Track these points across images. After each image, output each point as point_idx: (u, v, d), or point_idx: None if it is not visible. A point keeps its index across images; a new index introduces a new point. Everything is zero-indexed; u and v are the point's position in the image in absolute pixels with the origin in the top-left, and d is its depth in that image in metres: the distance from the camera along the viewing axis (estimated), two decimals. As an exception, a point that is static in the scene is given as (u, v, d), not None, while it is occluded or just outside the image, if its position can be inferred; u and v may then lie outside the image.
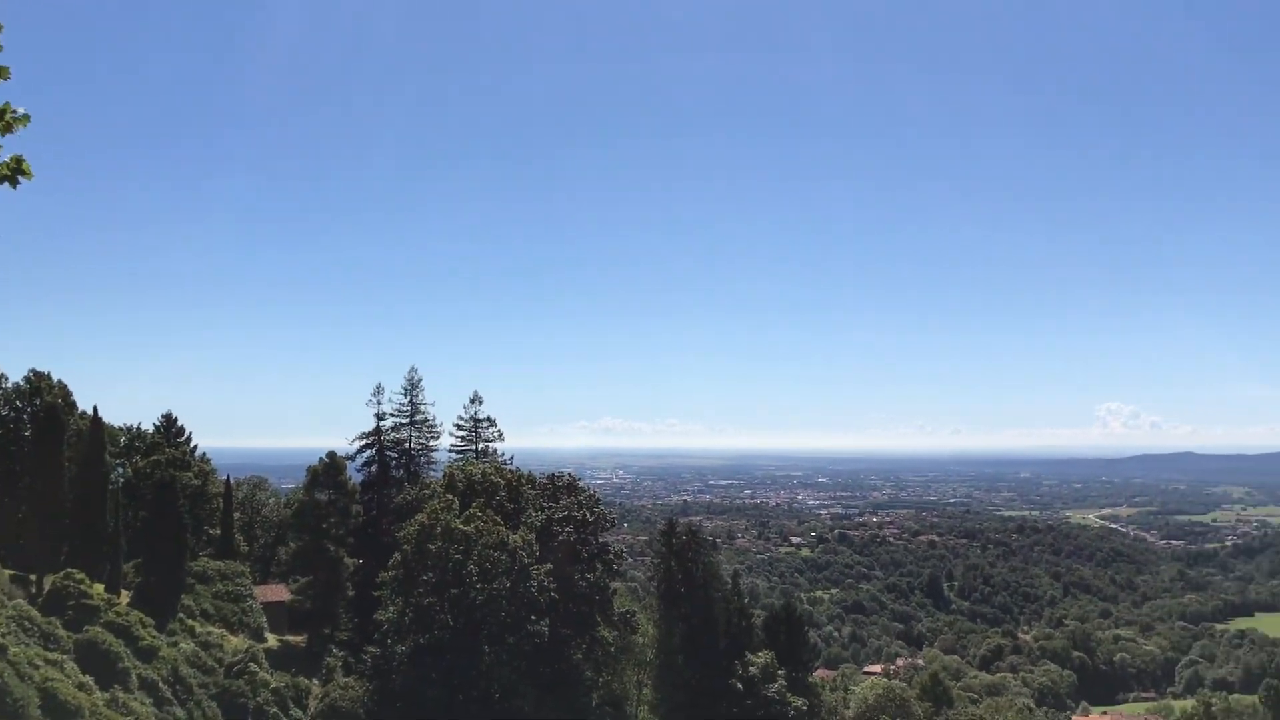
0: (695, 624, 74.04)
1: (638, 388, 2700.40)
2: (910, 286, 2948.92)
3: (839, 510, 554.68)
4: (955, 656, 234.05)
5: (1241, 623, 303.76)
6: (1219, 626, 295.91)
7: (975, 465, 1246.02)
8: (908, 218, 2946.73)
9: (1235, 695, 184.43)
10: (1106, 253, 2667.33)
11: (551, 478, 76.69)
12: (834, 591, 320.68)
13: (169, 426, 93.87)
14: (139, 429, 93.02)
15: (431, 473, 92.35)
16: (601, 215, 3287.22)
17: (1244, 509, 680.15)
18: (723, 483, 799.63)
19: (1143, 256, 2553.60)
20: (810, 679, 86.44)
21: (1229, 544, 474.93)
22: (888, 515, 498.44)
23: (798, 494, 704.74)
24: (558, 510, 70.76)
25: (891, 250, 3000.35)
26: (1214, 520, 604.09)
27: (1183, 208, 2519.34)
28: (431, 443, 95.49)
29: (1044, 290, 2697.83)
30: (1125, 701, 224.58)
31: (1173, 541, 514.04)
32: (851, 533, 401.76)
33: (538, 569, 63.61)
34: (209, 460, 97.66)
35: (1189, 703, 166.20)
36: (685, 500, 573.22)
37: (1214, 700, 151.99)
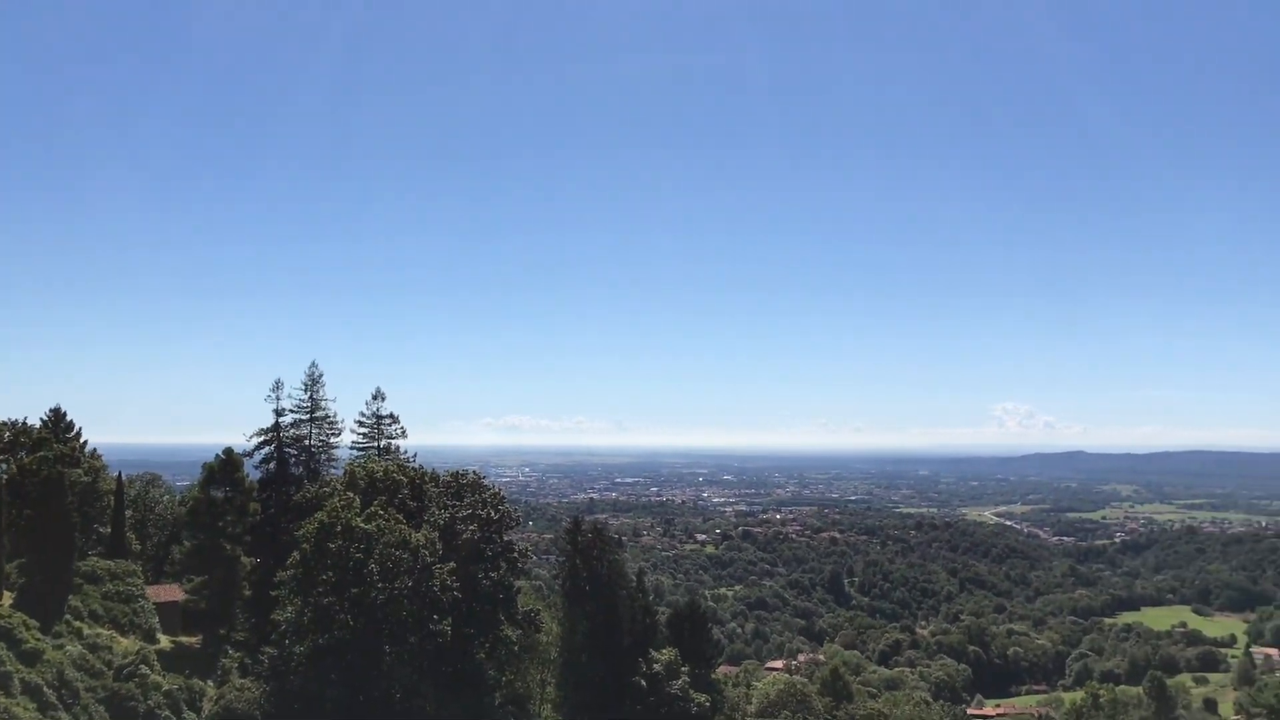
0: (600, 622, 73.94)
1: (545, 385, 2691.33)
2: (814, 289, 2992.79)
3: (744, 508, 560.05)
4: (855, 652, 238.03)
5: (1129, 617, 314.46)
6: (1107, 620, 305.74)
7: (877, 463, 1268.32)
8: (810, 221, 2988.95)
9: (1122, 686, 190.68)
10: (1002, 258, 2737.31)
11: (455, 475, 75.83)
12: (738, 588, 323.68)
13: (57, 421, 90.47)
14: (24, 424, 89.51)
15: (332, 470, 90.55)
16: (508, 215, 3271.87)
17: (1132, 506, 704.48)
18: (629, 481, 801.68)
19: (1037, 262, 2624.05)
20: (713, 675, 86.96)
21: (1117, 540, 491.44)
22: (791, 512, 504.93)
23: (703, 492, 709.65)
24: (462, 508, 69.97)
25: (795, 254, 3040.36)
26: (1104, 517, 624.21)
27: (1074, 215, 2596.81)
28: (332, 440, 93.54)
29: (943, 293, 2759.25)
30: (1018, 694, 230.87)
31: (1064, 538, 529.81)
32: (755, 530, 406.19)
33: (441, 568, 62.86)
34: (100, 456, 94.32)
35: (1078, 695, 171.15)
36: (592, 498, 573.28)
37: (1102, 692, 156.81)
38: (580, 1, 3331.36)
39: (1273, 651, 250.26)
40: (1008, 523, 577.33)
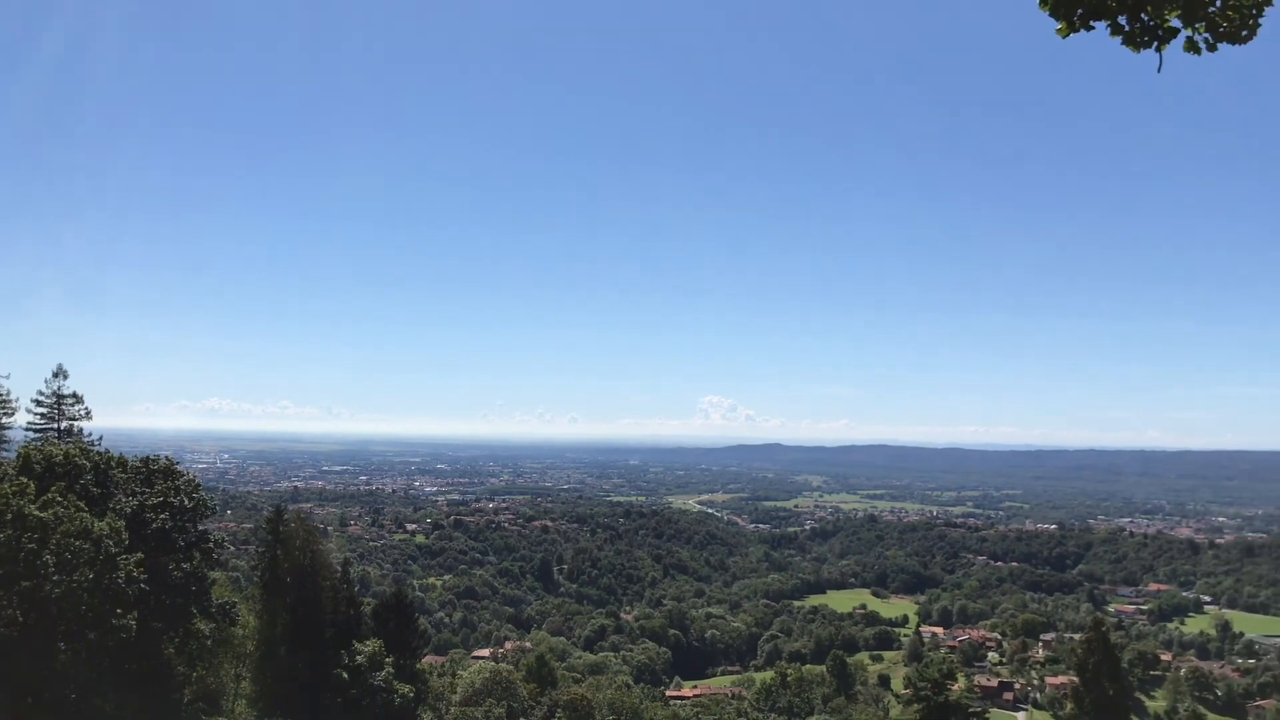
0: (301, 614, 71.61)
1: (247, 367, 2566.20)
2: (530, 284, 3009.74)
3: (456, 497, 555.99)
4: (562, 638, 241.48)
5: (816, 599, 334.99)
6: (797, 603, 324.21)
7: (590, 453, 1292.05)
8: (521, 219, 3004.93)
9: (808, 666, 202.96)
10: (710, 261, 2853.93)
11: (146, 461, 71.15)
12: (447, 578, 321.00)
13: None
14: None
15: (4, 453, 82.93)
16: (223, 190, 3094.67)
17: (821, 496, 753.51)
18: (338, 469, 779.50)
19: (743, 267, 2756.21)
20: (419, 665, 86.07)
21: (808, 528, 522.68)
22: (504, 501, 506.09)
23: (415, 480, 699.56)
24: (152, 496, 65.80)
25: (513, 247, 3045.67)
26: (796, 506, 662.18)
27: (775, 225, 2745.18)
28: (5, 420, 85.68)
29: (653, 291, 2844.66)
30: (714, 675, 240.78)
31: (761, 525, 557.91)
32: (467, 519, 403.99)
33: (126, 559, 58.87)
34: None
35: (768, 674, 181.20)
36: (296, 486, 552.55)
37: (789, 671, 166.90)
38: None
39: (939, 630, 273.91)
40: (710, 511, 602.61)
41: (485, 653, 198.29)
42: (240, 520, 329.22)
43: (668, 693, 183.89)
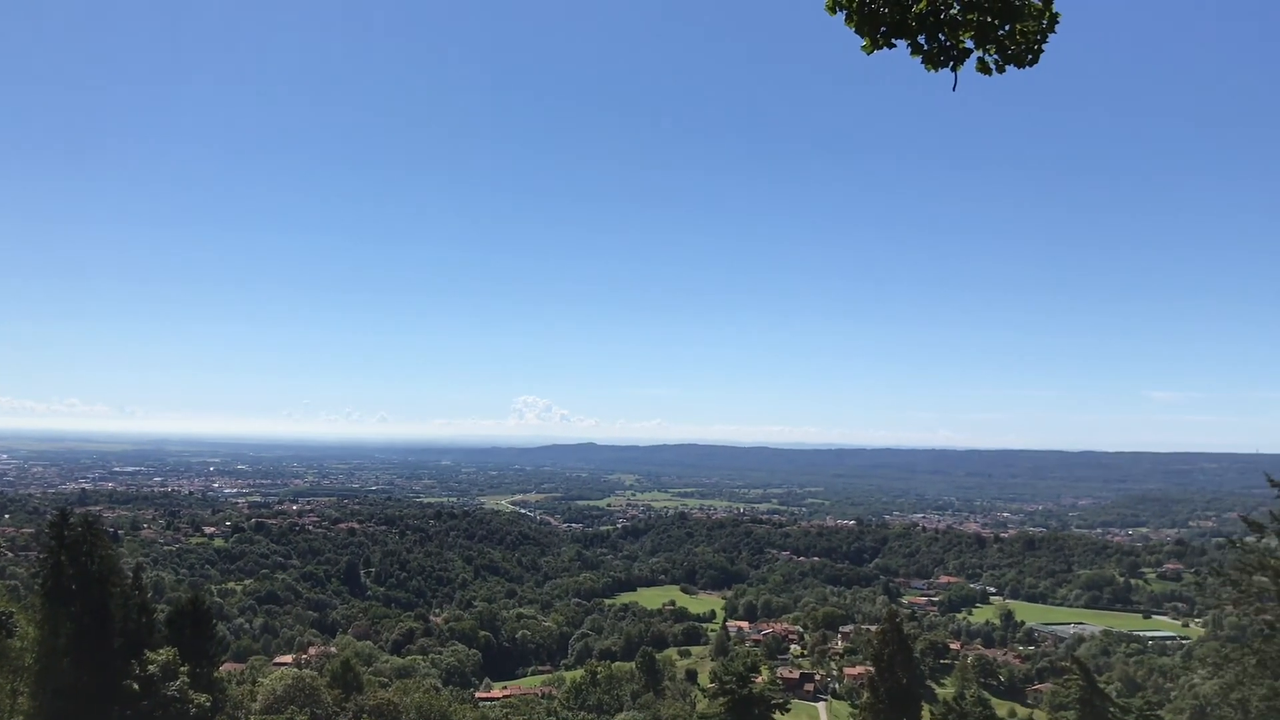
0: (87, 623, 67.62)
1: (31, 362, 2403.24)
2: (335, 281, 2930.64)
3: (258, 499, 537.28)
4: (369, 642, 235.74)
5: (626, 597, 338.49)
6: (608, 601, 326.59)
7: (400, 453, 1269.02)
8: (329, 217, 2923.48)
9: (618, 663, 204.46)
10: (522, 263, 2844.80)
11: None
12: (247, 582, 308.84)
13: None
14: None
15: None
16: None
17: (634, 494, 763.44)
18: (130, 470, 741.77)
19: (555, 271, 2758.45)
20: (217, 674, 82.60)
21: (620, 526, 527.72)
22: (309, 503, 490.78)
23: (214, 482, 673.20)
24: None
25: (310, 244, 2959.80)
26: (609, 505, 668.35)
27: (604, 232, 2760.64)
28: None
29: (468, 290, 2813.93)
30: (525, 675, 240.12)
31: (573, 524, 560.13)
32: (270, 521, 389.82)
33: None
34: None
35: (578, 672, 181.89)
36: (84, 488, 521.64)
37: (599, 669, 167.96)
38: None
39: (745, 624, 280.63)
40: (523, 511, 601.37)
41: (288, 659, 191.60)
42: (20, 525, 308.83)
43: (477, 694, 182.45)
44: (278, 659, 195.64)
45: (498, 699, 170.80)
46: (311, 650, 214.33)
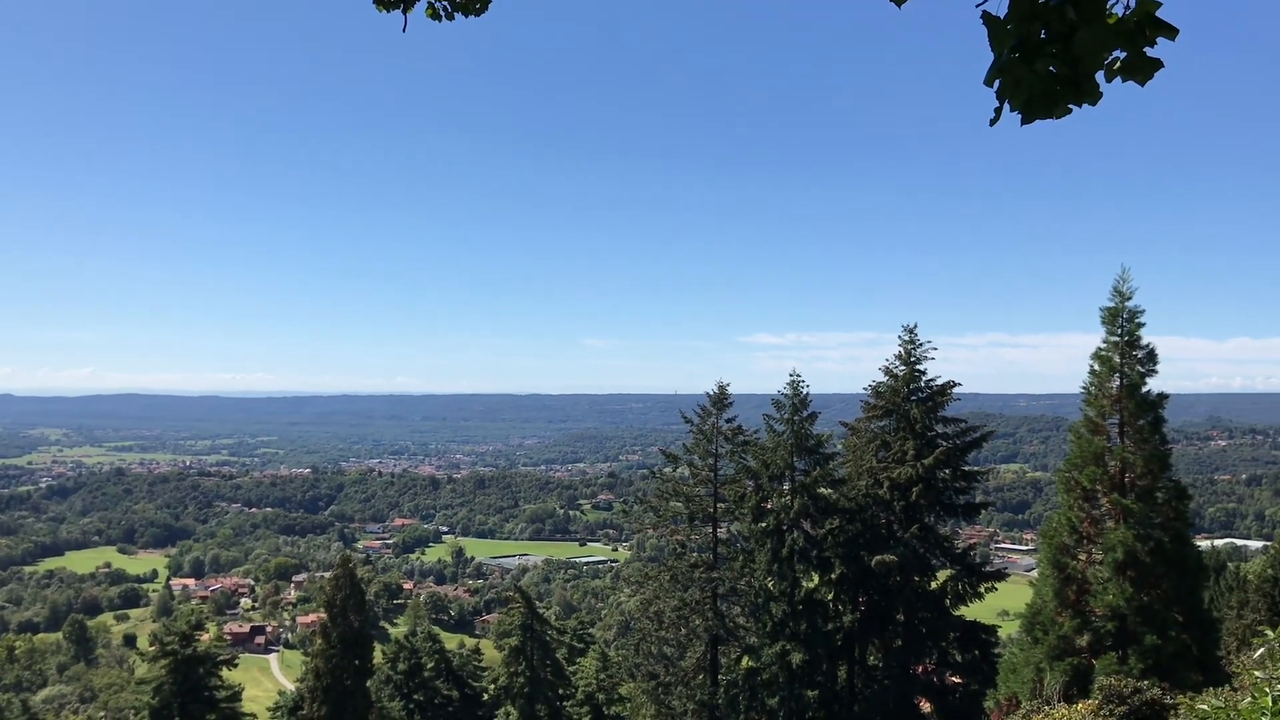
0: None
1: None
2: None
3: None
4: None
5: (53, 563, 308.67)
6: (29, 569, 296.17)
7: None
8: None
9: (41, 635, 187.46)
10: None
11: None
12: None
13: None
14: None
15: None
16: None
17: (61, 450, 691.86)
18: None
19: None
20: None
21: (44, 485, 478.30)
22: None
23: None
24: None
25: None
26: (30, 463, 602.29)
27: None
28: None
29: None
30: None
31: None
32: None
33: None
34: None
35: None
36: None
37: (17, 643, 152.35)
38: None
39: (191, 581, 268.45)
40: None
41: None
42: None
43: None
44: None
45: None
46: None
